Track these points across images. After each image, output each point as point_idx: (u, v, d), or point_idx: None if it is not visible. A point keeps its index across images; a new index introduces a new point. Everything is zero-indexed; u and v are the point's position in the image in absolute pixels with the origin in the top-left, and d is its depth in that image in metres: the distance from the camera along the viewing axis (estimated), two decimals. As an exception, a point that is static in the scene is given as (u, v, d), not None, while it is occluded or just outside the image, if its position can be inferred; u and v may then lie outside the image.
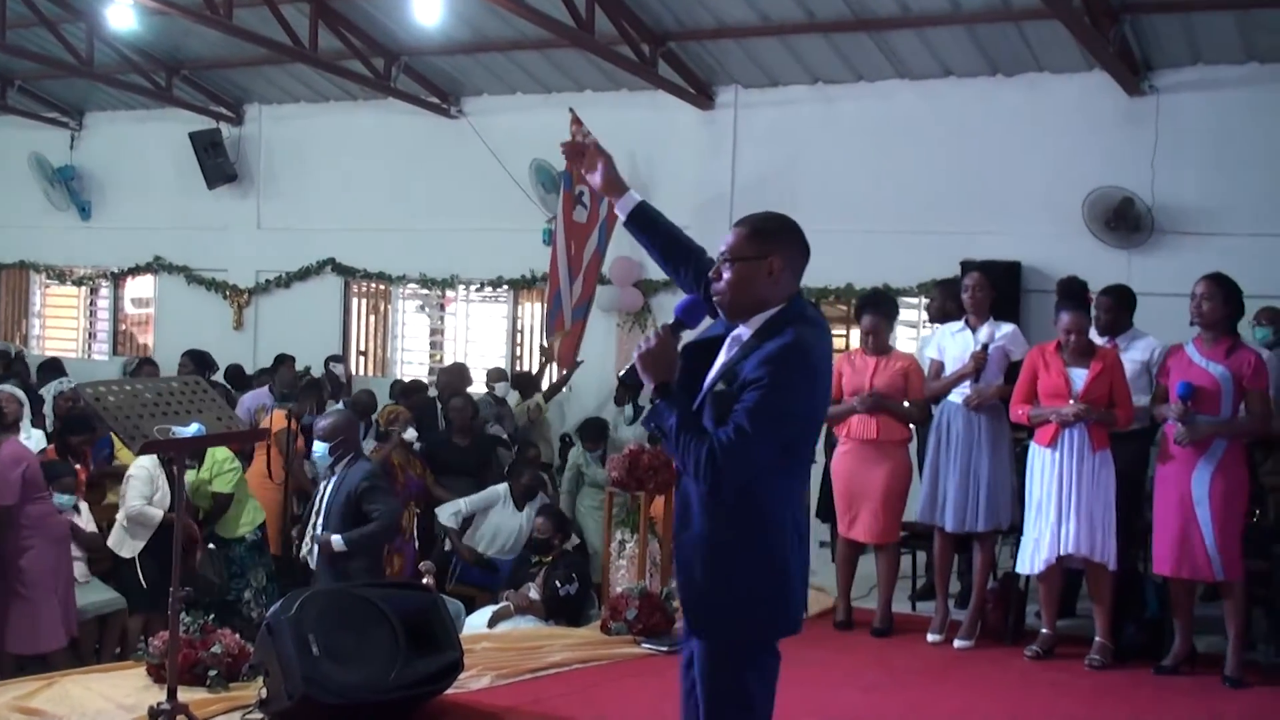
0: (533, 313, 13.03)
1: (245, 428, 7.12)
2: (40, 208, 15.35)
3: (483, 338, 13.42)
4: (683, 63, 11.25)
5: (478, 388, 11.42)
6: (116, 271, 15.28)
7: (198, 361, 11.25)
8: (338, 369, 12.32)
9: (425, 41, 11.75)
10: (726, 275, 3.58)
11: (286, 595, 5.66)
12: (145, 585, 7.63)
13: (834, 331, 5.88)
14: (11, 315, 16.48)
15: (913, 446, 7.62)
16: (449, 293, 13.47)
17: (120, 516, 7.82)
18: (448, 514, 8.91)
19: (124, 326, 15.82)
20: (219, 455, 8.12)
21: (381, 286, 13.85)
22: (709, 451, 3.39)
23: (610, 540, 7.93)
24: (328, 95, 13.54)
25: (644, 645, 6.92)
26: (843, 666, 6.72)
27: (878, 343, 7.44)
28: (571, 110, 10.87)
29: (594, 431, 9.98)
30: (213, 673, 5.76)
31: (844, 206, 10.72)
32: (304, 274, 13.78)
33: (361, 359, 13.87)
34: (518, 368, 12.72)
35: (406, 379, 12.56)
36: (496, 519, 8.88)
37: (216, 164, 13.76)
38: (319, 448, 6.87)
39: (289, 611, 5.33)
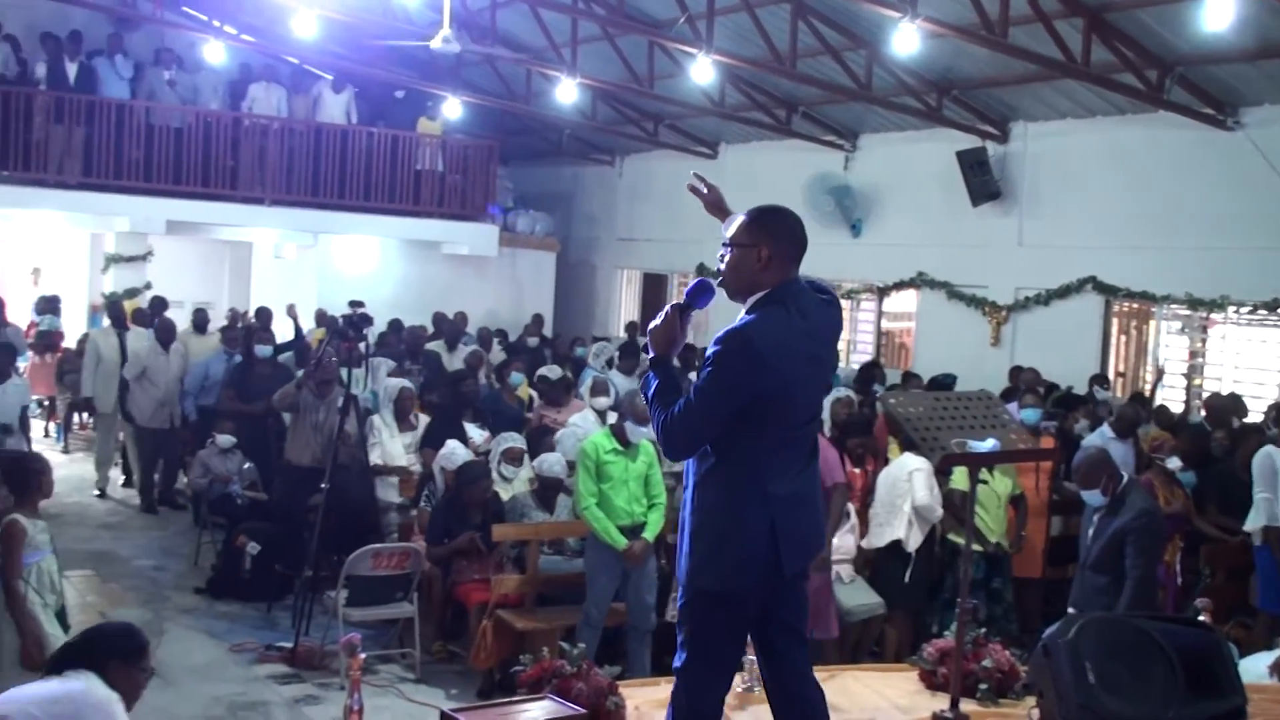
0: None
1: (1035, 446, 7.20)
2: (814, 224, 16.34)
3: (1251, 363, 12.57)
4: None
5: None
6: (881, 285, 15.99)
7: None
8: (1103, 394, 12.09)
9: (1204, 50, 11.23)
10: (726, 259, 4.06)
11: (1064, 618, 5.68)
12: (910, 583, 8.00)
13: None
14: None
15: None
16: (1214, 315, 12.75)
17: (876, 510, 8.28)
18: None
19: (883, 340, 16.61)
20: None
21: (1141, 306, 13.42)
22: (663, 420, 3.91)
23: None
24: (1094, 110, 13.30)
25: None
26: None
27: None
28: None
29: None
30: (983, 686, 5.88)
31: None
32: (1063, 292, 13.58)
33: (1120, 380, 13.48)
34: (1293, 398, 11.78)
35: (1156, 404, 12.09)
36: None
37: (982, 181, 13.92)
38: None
39: (1066, 635, 5.34)
